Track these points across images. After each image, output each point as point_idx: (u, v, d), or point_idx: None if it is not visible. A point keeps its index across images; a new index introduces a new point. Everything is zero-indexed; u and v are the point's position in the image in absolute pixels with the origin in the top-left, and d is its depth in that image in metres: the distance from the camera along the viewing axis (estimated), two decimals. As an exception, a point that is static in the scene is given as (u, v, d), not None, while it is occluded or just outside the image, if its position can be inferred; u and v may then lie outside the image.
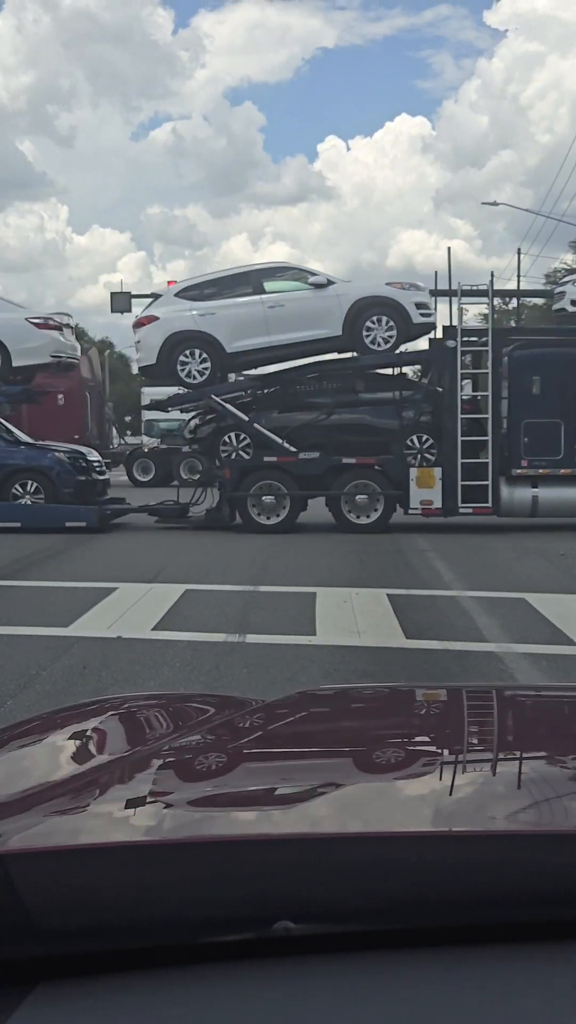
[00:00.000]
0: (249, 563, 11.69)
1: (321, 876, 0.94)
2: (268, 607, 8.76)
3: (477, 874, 0.95)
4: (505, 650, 6.92)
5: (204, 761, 1.45)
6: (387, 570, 11.10)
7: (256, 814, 1.15)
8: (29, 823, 1.12)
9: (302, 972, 0.89)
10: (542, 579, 10.32)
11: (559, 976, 0.89)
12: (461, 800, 1.20)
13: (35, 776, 1.40)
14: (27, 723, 1.72)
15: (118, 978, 0.90)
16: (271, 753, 1.51)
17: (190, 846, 1.01)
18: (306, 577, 10.46)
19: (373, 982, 0.88)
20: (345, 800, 1.21)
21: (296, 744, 1.56)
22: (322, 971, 0.89)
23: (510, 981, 0.88)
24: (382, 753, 1.45)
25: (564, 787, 1.25)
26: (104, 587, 9.67)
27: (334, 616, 8.22)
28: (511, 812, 1.12)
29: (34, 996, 0.88)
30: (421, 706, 1.88)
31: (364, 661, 6.70)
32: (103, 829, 1.11)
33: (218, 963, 0.90)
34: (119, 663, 6.62)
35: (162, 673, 6.36)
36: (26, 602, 9.05)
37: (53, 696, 5.72)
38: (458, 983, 0.88)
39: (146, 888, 0.93)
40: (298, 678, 6.19)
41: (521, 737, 1.60)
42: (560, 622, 7.84)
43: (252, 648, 7.05)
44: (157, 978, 0.89)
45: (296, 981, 0.88)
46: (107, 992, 0.88)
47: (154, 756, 1.42)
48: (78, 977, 0.90)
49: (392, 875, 0.94)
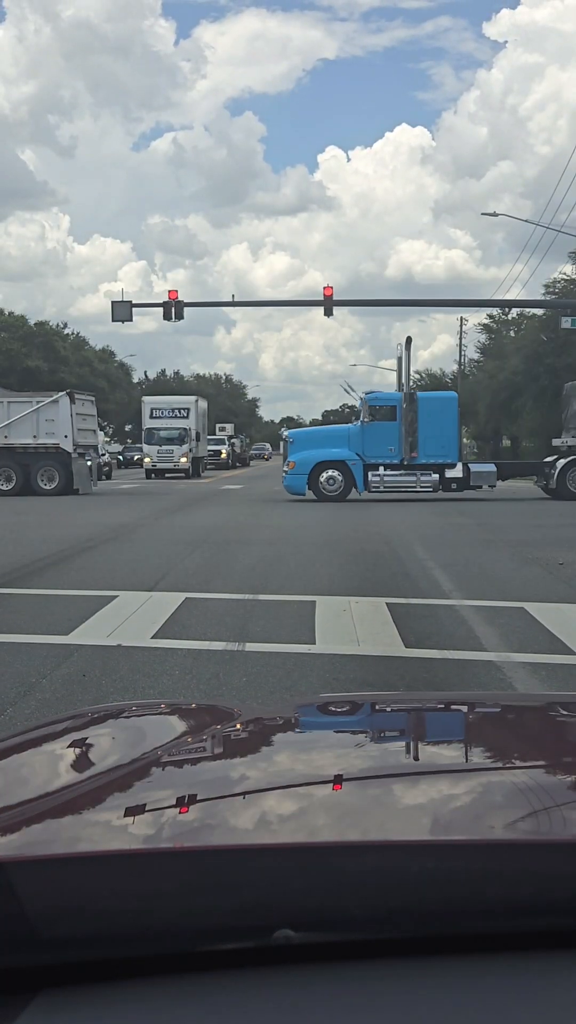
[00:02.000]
0: (249, 571, 11.69)
1: (321, 885, 0.94)
2: (268, 616, 8.76)
3: (477, 883, 0.95)
4: (504, 659, 6.92)
5: (203, 769, 1.46)
6: (386, 579, 11.09)
7: (255, 822, 1.15)
8: (29, 831, 1.12)
9: (302, 981, 0.90)
10: (541, 589, 10.32)
11: (559, 986, 0.89)
12: (461, 809, 1.20)
13: (35, 784, 1.41)
14: (27, 731, 1.72)
15: (119, 987, 0.90)
16: (270, 761, 1.51)
17: (190, 854, 1.02)
18: (305, 586, 10.46)
19: (373, 991, 0.88)
20: (344, 808, 1.21)
21: (295, 752, 1.56)
22: (322, 980, 0.89)
23: (510, 991, 0.88)
24: (381, 762, 1.46)
25: (564, 796, 1.25)
26: (104, 595, 9.67)
27: (333, 625, 8.22)
28: (511, 821, 1.13)
29: (35, 1004, 0.88)
30: (420, 715, 1.88)
31: (363, 670, 6.69)
32: (103, 837, 1.11)
33: (219, 972, 0.91)
34: (119, 671, 6.61)
35: (162, 681, 6.36)
36: (26, 610, 9.05)
37: (53, 704, 5.72)
38: (458, 992, 0.89)
39: (146, 896, 0.93)
40: (297, 687, 6.18)
41: (520, 746, 1.60)
42: (559, 631, 7.84)
43: (252, 656, 7.05)
44: (158, 987, 0.90)
45: (296, 990, 0.89)
46: (108, 1001, 0.89)
47: (154, 764, 1.42)
48: (79, 985, 0.90)
49: (392, 884, 0.95)
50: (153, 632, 7.93)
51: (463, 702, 2.25)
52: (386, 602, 9.29)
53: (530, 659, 6.93)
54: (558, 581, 10.91)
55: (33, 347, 71.79)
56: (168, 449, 46.65)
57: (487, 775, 1.38)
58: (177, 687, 6.21)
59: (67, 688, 6.15)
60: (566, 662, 6.88)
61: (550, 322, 43.58)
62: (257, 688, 6.13)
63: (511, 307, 53.22)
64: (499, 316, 64.81)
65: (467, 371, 69.99)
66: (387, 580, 11.04)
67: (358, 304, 40.96)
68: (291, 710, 1.84)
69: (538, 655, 7.05)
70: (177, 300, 33.55)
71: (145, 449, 48.23)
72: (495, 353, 61.32)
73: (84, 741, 1.65)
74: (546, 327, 46.66)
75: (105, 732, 1.71)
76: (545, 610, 8.78)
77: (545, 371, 46.64)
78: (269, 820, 1.16)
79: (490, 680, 6.41)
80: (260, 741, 1.64)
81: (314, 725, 1.78)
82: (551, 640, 7.59)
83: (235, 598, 9.65)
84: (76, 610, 8.84)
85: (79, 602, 9.31)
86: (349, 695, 4.29)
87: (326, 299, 33.04)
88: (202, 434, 50.48)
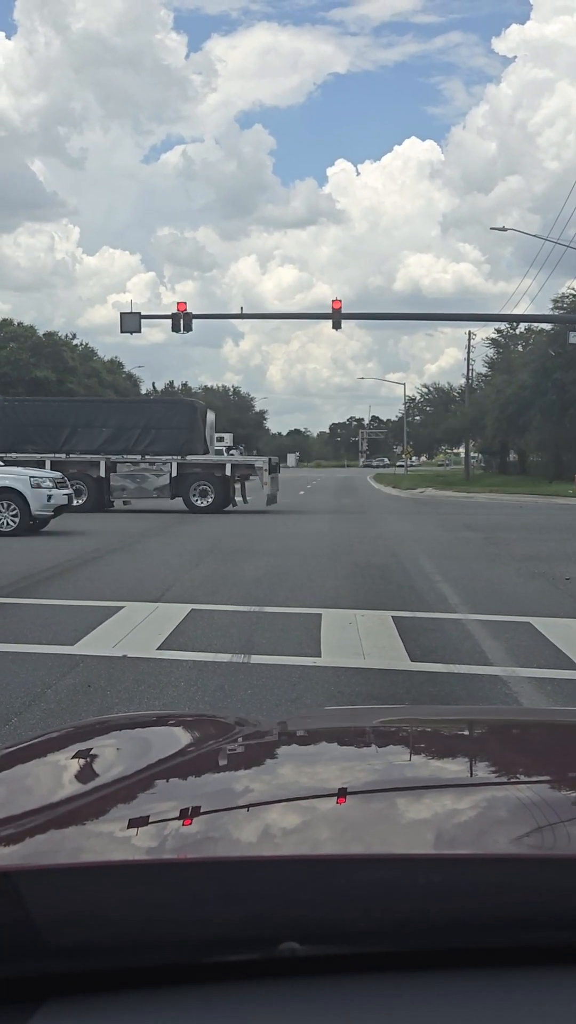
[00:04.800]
0: (255, 583, 11.70)
1: (326, 898, 0.94)
2: (273, 628, 8.75)
3: (482, 897, 0.95)
4: (510, 674, 6.91)
5: (209, 781, 1.46)
6: (392, 592, 11.09)
7: (261, 835, 1.16)
8: (35, 841, 1.13)
9: (307, 994, 0.90)
10: (547, 603, 10.30)
11: (564, 1000, 0.89)
12: (465, 823, 1.20)
13: (41, 794, 1.41)
14: (32, 741, 1.73)
15: (124, 996, 0.90)
16: (275, 774, 1.51)
17: (196, 865, 1.02)
18: (311, 598, 10.46)
19: (378, 1004, 0.88)
20: (349, 822, 1.21)
21: (300, 765, 1.56)
22: (327, 993, 0.89)
23: (515, 1005, 0.89)
24: (386, 775, 1.46)
25: (569, 812, 1.25)
26: (110, 606, 9.68)
27: (339, 638, 8.21)
28: (516, 836, 1.13)
29: (40, 1013, 0.88)
30: (425, 729, 1.88)
31: (368, 683, 6.69)
32: (109, 848, 1.11)
33: (224, 983, 0.91)
34: (124, 682, 6.62)
35: (167, 693, 6.36)
36: (32, 620, 9.06)
37: (58, 714, 5.73)
38: (462, 1006, 0.89)
39: (152, 907, 0.94)
40: (303, 699, 6.18)
41: (525, 761, 1.60)
42: (565, 646, 7.82)
43: (257, 669, 7.05)
44: (163, 997, 0.90)
45: (301, 1002, 0.89)
46: (112, 1010, 0.89)
47: (159, 776, 1.43)
48: (84, 995, 0.90)
49: (398, 897, 0.95)
50: (159, 643, 7.93)
51: (468, 716, 2.25)
52: (392, 615, 9.28)
53: (536, 674, 6.91)
54: (565, 596, 10.89)
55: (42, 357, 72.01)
56: None
57: (492, 790, 1.38)
58: (182, 698, 6.21)
59: (72, 698, 6.15)
60: (572, 677, 6.86)
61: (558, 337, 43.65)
62: (262, 700, 6.12)
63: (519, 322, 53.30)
64: (507, 331, 64.92)
65: (475, 385, 70.02)
66: (393, 593, 11.03)
67: (367, 317, 41.07)
68: (296, 723, 1.84)
69: (544, 670, 7.04)
70: (186, 312, 33.65)
71: None
72: (503, 367, 61.38)
73: (89, 752, 1.65)
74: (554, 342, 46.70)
75: (110, 743, 1.71)
76: (551, 625, 8.76)
77: (553, 386, 46.65)
78: (274, 832, 1.17)
79: (496, 694, 6.39)
80: (265, 753, 1.64)
81: (319, 738, 1.78)
82: (557, 655, 7.57)
83: (241, 610, 9.65)
84: (82, 620, 8.85)
85: (85, 612, 9.32)
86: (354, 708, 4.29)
87: (335, 312, 33.12)
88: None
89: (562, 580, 12.09)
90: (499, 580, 12.27)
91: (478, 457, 76.08)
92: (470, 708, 4.69)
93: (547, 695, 6.37)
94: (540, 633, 8.41)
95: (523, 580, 12.26)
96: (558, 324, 42.84)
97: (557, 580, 12.12)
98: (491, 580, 12.23)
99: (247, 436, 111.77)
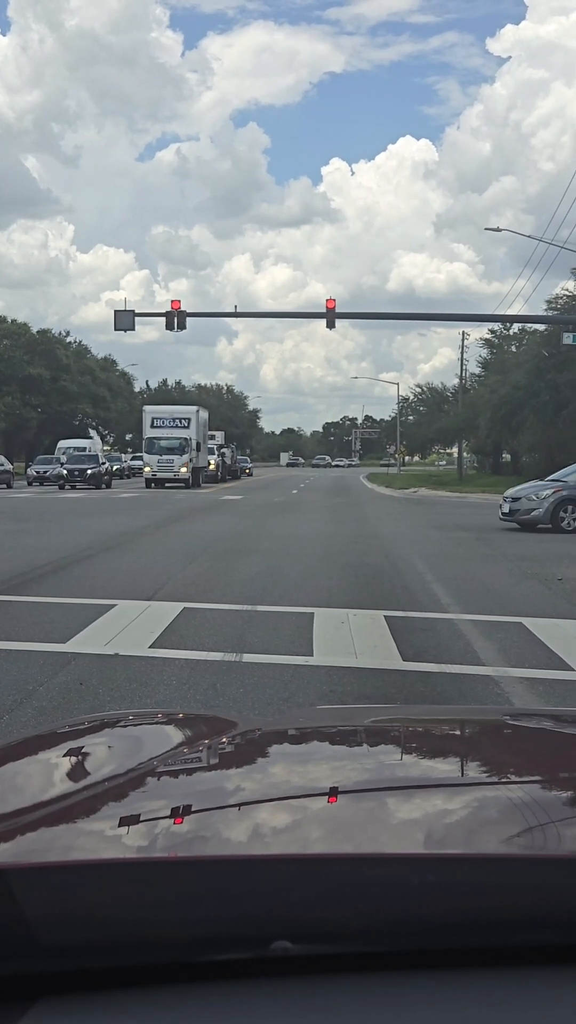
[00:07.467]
0: (248, 582, 11.69)
1: (319, 896, 0.94)
2: (266, 627, 8.75)
3: (475, 897, 0.95)
4: (501, 674, 6.92)
5: (200, 780, 1.46)
6: (385, 592, 11.09)
7: (252, 833, 1.16)
8: (28, 839, 1.12)
9: (300, 992, 0.90)
10: (539, 604, 10.32)
11: (558, 1000, 0.89)
12: (458, 822, 1.21)
13: (32, 792, 1.41)
14: (23, 740, 1.73)
15: (117, 995, 0.90)
16: (267, 773, 1.51)
17: (188, 864, 1.02)
18: (304, 597, 10.46)
19: (371, 1004, 0.89)
20: (340, 821, 1.21)
21: (292, 764, 1.56)
22: (320, 992, 0.90)
23: (508, 1004, 0.89)
24: (378, 775, 1.46)
25: (560, 812, 1.25)
26: (103, 604, 9.67)
27: (331, 637, 8.21)
28: (508, 835, 1.13)
29: (33, 1012, 0.88)
30: (417, 728, 1.88)
31: (361, 683, 6.69)
32: (102, 846, 1.11)
33: (216, 982, 0.91)
34: (116, 680, 6.61)
35: (159, 691, 6.35)
36: (24, 617, 9.04)
37: (49, 712, 5.72)
38: (456, 1006, 0.89)
39: (145, 905, 0.94)
40: (295, 698, 6.18)
41: (517, 761, 1.60)
42: (557, 647, 7.83)
43: (249, 668, 7.05)
44: (155, 996, 0.90)
45: (294, 1001, 0.89)
46: (105, 1009, 0.89)
47: (151, 774, 1.43)
48: (77, 994, 0.90)
49: (391, 897, 0.95)
50: (151, 641, 7.93)
51: (460, 716, 2.26)
52: (384, 615, 9.29)
53: (528, 674, 6.92)
54: (557, 596, 10.91)
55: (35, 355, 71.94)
56: (168, 459, 46.64)
57: (484, 789, 1.39)
58: (174, 697, 6.20)
59: (64, 696, 6.14)
60: (564, 678, 6.87)
61: (552, 337, 43.66)
62: (254, 699, 6.12)
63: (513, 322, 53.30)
64: (501, 331, 64.94)
65: (468, 385, 70.07)
66: (386, 593, 11.04)
67: (361, 317, 41.12)
68: (288, 721, 1.84)
69: (536, 670, 7.05)
70: (179, 310, 33.65)
71: (145, 458, 48.21)
72: (497, 368, 61.39)
73: (81, 750, 1.65)
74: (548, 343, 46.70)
75: (102, 741, 1.71)
76: (543, 625, 8.77)
77: (546, 386, 46.65)
78: (265, 831, 1.17)
79: (487, 694, 6.40)
80: (257, 752, 1.65)
81: (311, 737, 1.78)
82: (549, 655, 7.58)
83: (233, 608, 9.64)
84: (74, 618, 8.84)
85: (77, 610, 9.31)
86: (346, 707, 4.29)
87: (329, 311, 33.13)
88: (203, 444, 50.44)
89: (554, 580, 12.11)
90: (491, 580, 12.28)
91: (471, 457, 76.08)
92: (462, 708, 4.70)
93: (539, 695, 6.38)
94: (532, 633, 8.42)
95: (515, 580, 12.27)
96: (552, 325, 42.90)
97: (549, 580, 12.14)
98: (483, 580, 12.25)
99: (240, 435, 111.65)
